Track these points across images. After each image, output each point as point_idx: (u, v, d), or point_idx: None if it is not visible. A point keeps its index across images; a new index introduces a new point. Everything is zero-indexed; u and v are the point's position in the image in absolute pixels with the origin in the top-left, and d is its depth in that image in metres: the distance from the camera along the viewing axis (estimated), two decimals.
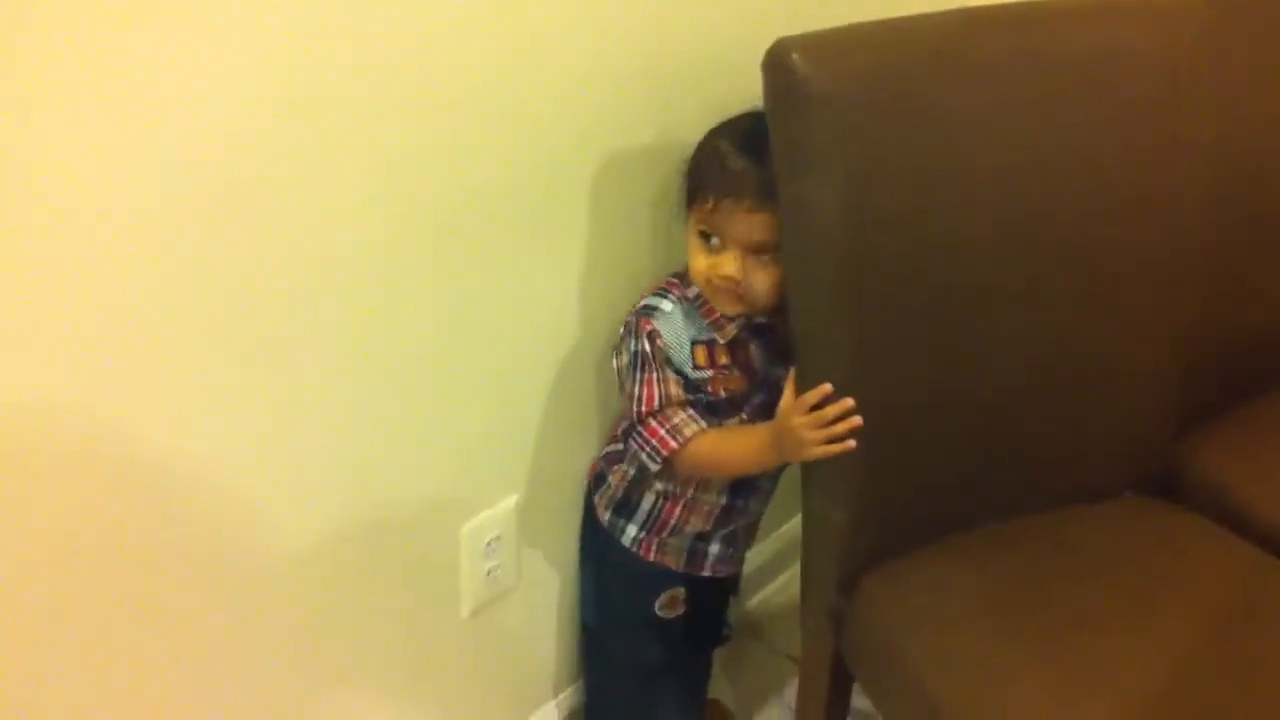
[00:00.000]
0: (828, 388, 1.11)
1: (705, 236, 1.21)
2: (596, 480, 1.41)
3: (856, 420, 1.10)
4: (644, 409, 1.23)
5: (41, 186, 0.82)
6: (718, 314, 1.25)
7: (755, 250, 1.18)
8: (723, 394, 1.26)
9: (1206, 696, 1.05)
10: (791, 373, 1.17)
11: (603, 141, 1.25)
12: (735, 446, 1.24)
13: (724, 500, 1.33)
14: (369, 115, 1.01)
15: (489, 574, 1.34)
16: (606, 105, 1.24)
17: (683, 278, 1.28)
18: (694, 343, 1.25)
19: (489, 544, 1.32)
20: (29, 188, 0.81)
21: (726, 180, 1.17)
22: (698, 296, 1.26)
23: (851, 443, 1.11)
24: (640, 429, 1.24)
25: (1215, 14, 1.24)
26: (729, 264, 1.19)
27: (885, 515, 1.21)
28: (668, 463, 1.24)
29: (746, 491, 1.34)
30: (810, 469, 1.18)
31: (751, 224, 1.17)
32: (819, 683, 1.28)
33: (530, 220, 1.21)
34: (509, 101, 1.13)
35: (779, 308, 1.21)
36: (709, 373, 1.26)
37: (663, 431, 1.22)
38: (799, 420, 1.13)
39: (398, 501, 1.20)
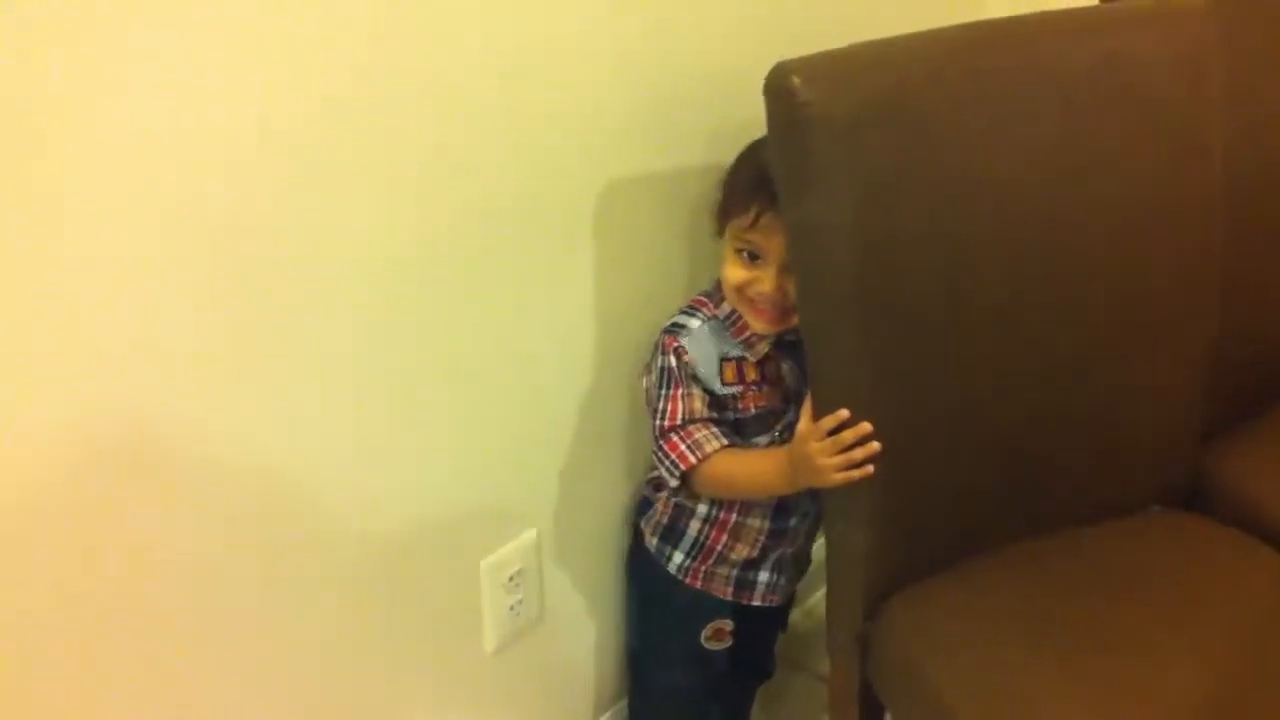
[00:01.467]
0: (844, 413, 1.09)
1: (741, 252, 1.21)
2: (643, 505, 1.40)
3: (874, 446, 1.09)
4: (666, 423, 1.23)
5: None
6: (749, 332, 1.25)
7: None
8: (753, 410, 1.26)
9: (1239, 712, 1.03)
10: (808, 397, 1.16)
11: (611, 168, 1.25)
12: (753, 468, 1.23)
13: (768, 524, 1.33)
14: (380, 143, 1.01)
15: (511, 609, 1.33)
16: (617, 130, 1.24)
17: (712, 296, 1.28)
18: (723, 359, 1.25)
19: (511, 579, 1.31)
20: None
21: (770, 194, 1.14)
22: (729, 315, 1.26)
23: (870, 468, 1.10)
24: (662, 443, 1.24)
25: (1223, 16, 1.22)
26: (766, 280, 1.20)
27: (908, 538, 1.19)
28: (686, 478, 1.23)
29: (787, 513, 1.33)
30: (830, 493, 1.17)
31: None
32: (848, 710, 1.26)
33: (541, 246, 1.21)
34: (519, 125, 1.13)
35: None
36: (738, 389, 1.25)
37: (683, 447, 1.22)
38: (815, 446, 1.11)
39: (414, 538, 1.20)
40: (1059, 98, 1.13)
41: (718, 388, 1.25)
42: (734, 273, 1.22)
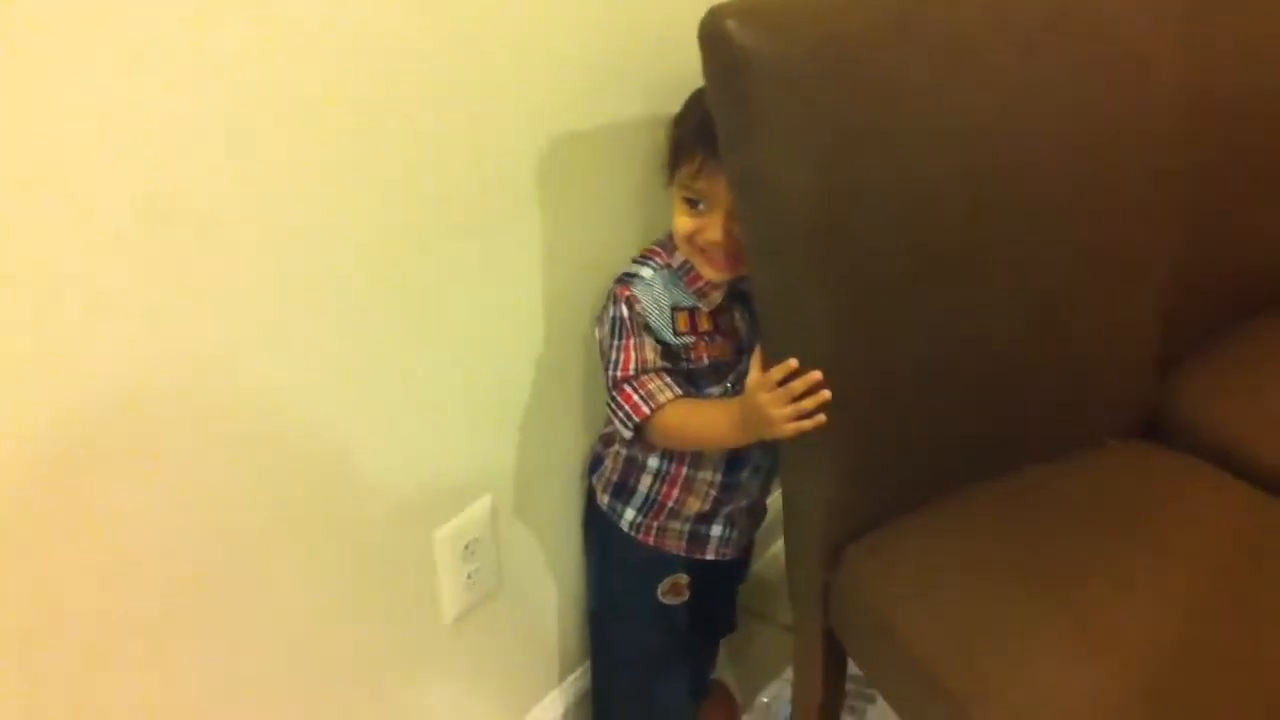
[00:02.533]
0: (793, 363, 1.08)
1: (689, 202, 1.20)
2: (594, 463, 1.39)
3: (825, 395, 1.08)
4: (619, 374, 1.22)
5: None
6: (702, 281, 1.24)
7: None
8: (705, 361, 1.25)
9: (1213, 644, 1.03)
10: (757, 349, 1.14)
11: (556, 126, 1.22)
12: (705, 419, 1.22)
13: (719, 477, 1.31)
14: (314, 110, 0.98)
15: (469, 578, 1.31)
16: (559, 85, 1.20)
17: (665, 245, 1.27)
18: (675, 309, 1.24)
19: (467, 547, 1.29)
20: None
21: (711, 141, 1.12)
22: (682, 264, 1.25)
23: (821, 418, 1.08)
24: (615, 394, 1.23)
25: None
26: (713, 228, 1.18)
27: (865, 485, 1.18)
28: (640, 429, 1.22)
29: (739, 466, 1.32)
30: (785, 444, 1.15)
31: None
32: (812, 659, 1.26)
33: (486, 207, 1.18)
34: (456, 85, 1.09)
35: None
36: (690, 339, 1.24)
37: (636, 397, 1.21)
38: (765, 397, 1.10)
39: (365, 508, 1.17)
40: (1013, 41, 1.11)
41: (670, 337, 1.23)
42: (682, 222, 1.21)
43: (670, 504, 1.33)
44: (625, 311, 1.23)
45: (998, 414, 1.22)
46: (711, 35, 1.01)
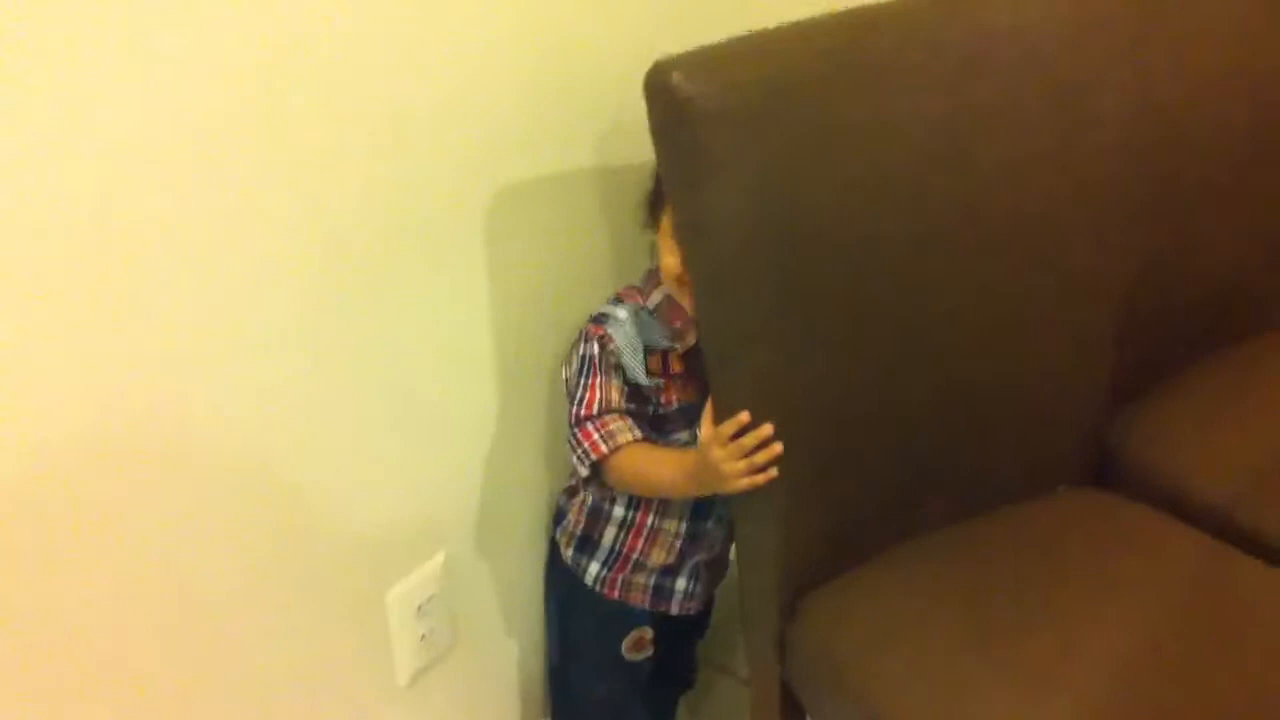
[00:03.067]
0: (745, 417, 1.07)
1: None
2: (558, 515, 1.38)
3: (776, 448, 1.07)
4: (583, 411, 1.22)
5: None
6: (678, 322, 1.24)
7: None
8: (675, 404, 1.25)
9: (1162, 688, 1.03)
10: (708, 404, 1.13)
11: (503, 162, 1.22)
12: (662, 466, 1.21)
13: (684, 526, 1.30)
14: (263, 146, 0.97)
15: (423, 638, 1.29)
16: (506, 128, 1.20)
17: (642, 288, 1.27)
18: (648, 350, 1.24)
19: (420, 607, 1.27)
20: None
21: None
22: (658, 306, 1.25)
23: (774, 471, 1.08)
24: (576, 431, 1.22)
25: None
26: None
27: (818, 535, 1.17)
28: (596, 468, 1.22)
29: (704, 514, 1.31)
30: (736, 495, 1.14)
31: None
32: (769, 712, 1.24)
33: (434, 250, 1.17)
34: (399, 129, 1.09)
35: None
36: (661, 380, 1.24)
37: (596, 435, 1.21)
38: (719, 453, 1.09)
39: (315, 569, 1.15)
40: (946, 73, 1.12)
41: (642, 378, 1.23)
42: (673, 260, 1.18)
43: (635, 556, 1.31)
44: (595, 350, 1.22)
45: (941, 455, 1.22)
46: (657, 87, 1.01)
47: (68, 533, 0.92)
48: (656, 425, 1.25)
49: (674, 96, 1.00)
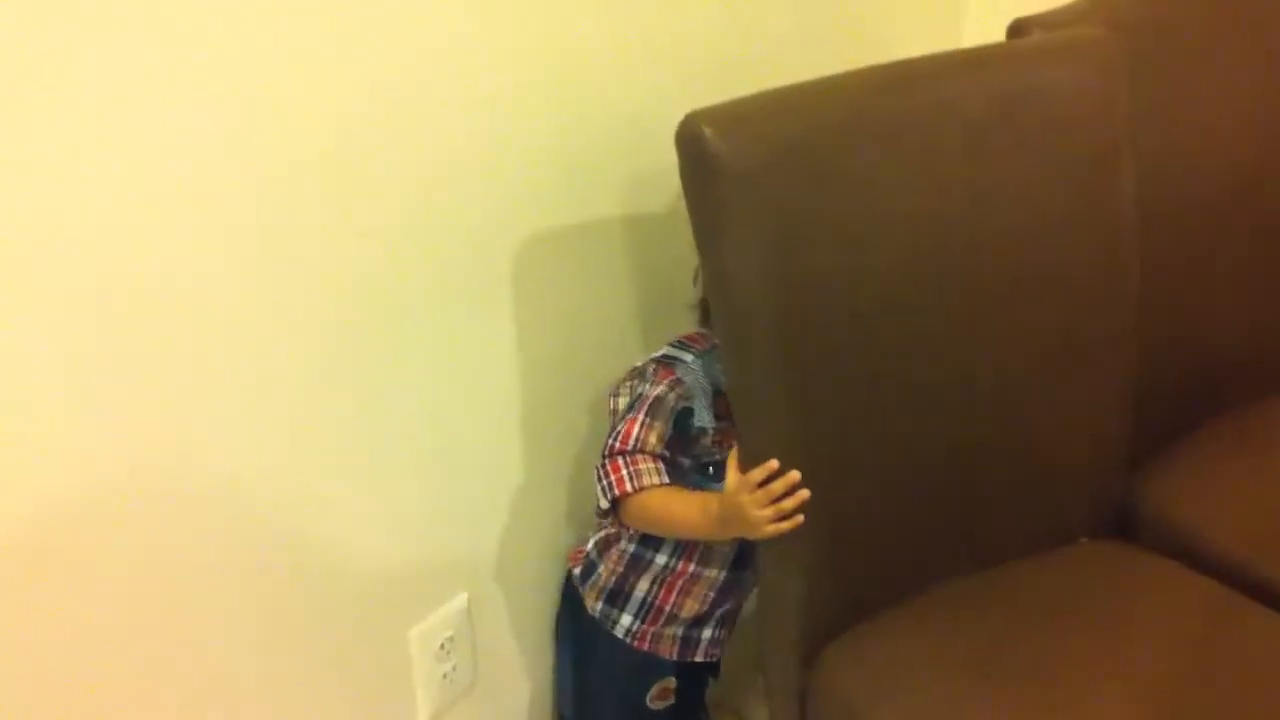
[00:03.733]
0: (774, 464, 1.08)
1: None
2: (585, 570, 1.36)
3: (804, 494, 1.08)
4: (618, 445, 1.21)
5: None
6: None
7: None
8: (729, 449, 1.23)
9: None
10: (734, 449, 1.14)
11: (523, 216, 1.24)
12: (684, 509, 1.21)
13: (725, 574, 1.30)
14: (291, 192, 0.99)
15: (445, 677, 1.30)
16: (525, 178, 1.22)
17: (705, 334, 1.28)
18: (716, 392, 1.24)
19: (442, 646, 1.28)
20: None
21: None
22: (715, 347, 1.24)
23: (800, 518, 1.09)
24: (606, 462, 1.22)
25: (1128, 46, 1.24)
26: None
27: (841, 583, 1.18)
28: (617, 505, 1.21)
29: (744, 563, 1.30)
30: (763, 543, 1.15)
31: None
32: None
33: (454, 297, 1.19)
34: (427, 180, 1.11)
35: None
36: (726, 424, 1.24)
37: (624, 472, 1.20)
38: (746, 498, 1.10)
39: (337, 607, 1.16)
40: (964, 134, 1.14)
41: (709, 421, 1.24)
42: None
43: (668, 608, 1.31)
44: (659, 391, 1.23)
45: (960, 505, 1.23)
46: (687, 139, 1.03)
47: (84, 574, 0.93)
48: (714, 472, 1.25)
49: (703, 149, 1.02)
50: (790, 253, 1.06)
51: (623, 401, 1.26)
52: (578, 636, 1.40)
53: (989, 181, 1.15)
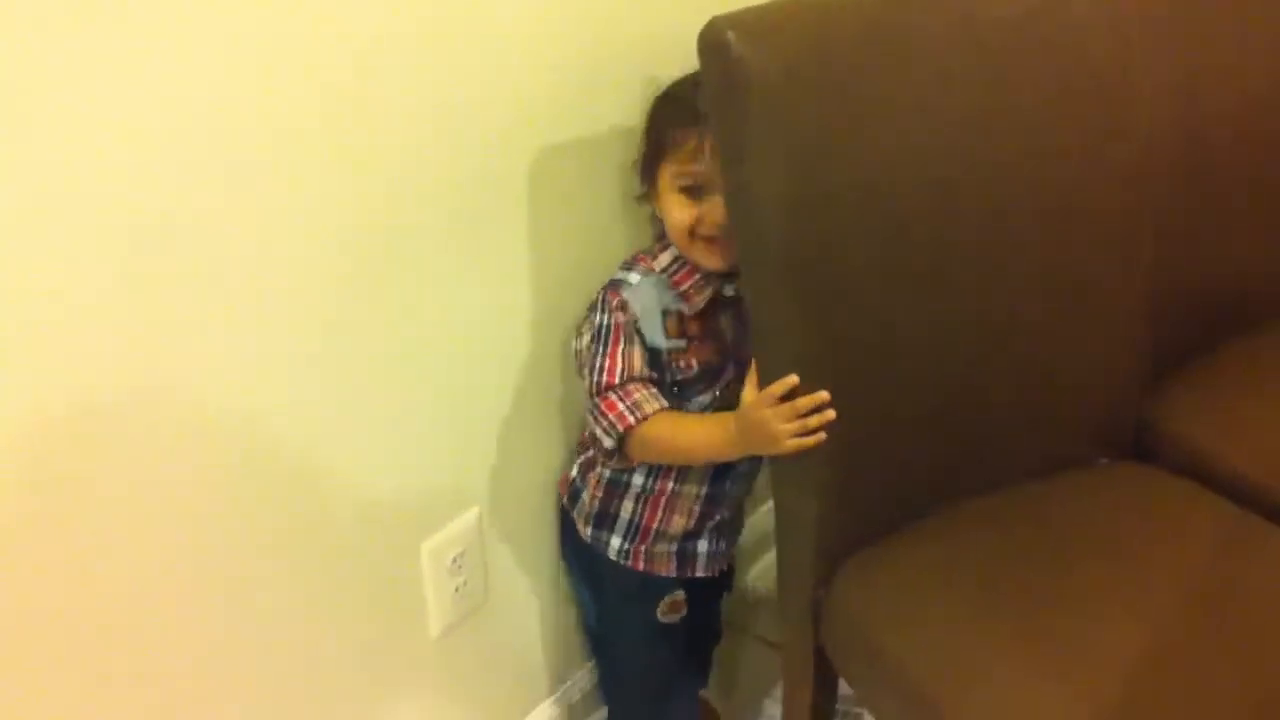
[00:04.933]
0: (794, 379, 1.07)
1: (688, 190, 1.18)
2: (571, 495, 1.36)
3: (830, 414, 1.07)
4: (605, 379, 1.19)
5: None
6: (687, 283, 1.22)
7: None
8: (695, 367, 1.23)
9: (1195, 665, 1.03)
10: (752, 364, 1.13)
11: (534, 135, 1.21)
12: (696, 432, 1.20)
13: (705, 489, 1.30)
14: (288, 123, 0.97)
15: (456, 591, 1.30)
16: (535, 97, 1.19)
17: (649, 251, 1.26)
18: (664, 312, 1.22)
19: (454, 560, 1.28)
20: None
21: (705, 122, 1.11)
22: (667, 267, 1.23)
23: (823, 435, 1.08)
24: (598, 401, 1.20)
25: None
26: (716, 209, 1.16)
27: (857, 503, 1.17)
28: (623, 440, 1.19)
29: (723, 475, 1.30)
30: (778, 463, 1.15)
31: None
32: (803, 676, 1.24)
33: (467, 218, 1.17)
34: (435, 95, 1.09)
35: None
36: (681, 343, 1.22)
37: (621, 406, 1.18)
38: (770, 412, 1.09)
39: (351, 522, 1.16)
40: (979, 54, 1.11)
41: (661, 341, 1.22)
42: (681, 214, 1.19)
43: (655, 526, 1.31)
44: (615, 318, 1.20)
45: (976, 426, 1.21)
46: (712, 45, 1.01)
47: (105, 483, 0.93)
48: (679, 392, 1.24)
49: (727, 55, 0.99)
50: (806, 168, 1.04)
51: (586, 339, 1.23)
52: (578, 559, 1.41)
53: (1004, 104, 1.13)
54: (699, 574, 1.36)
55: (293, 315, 1.03)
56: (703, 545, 1.35)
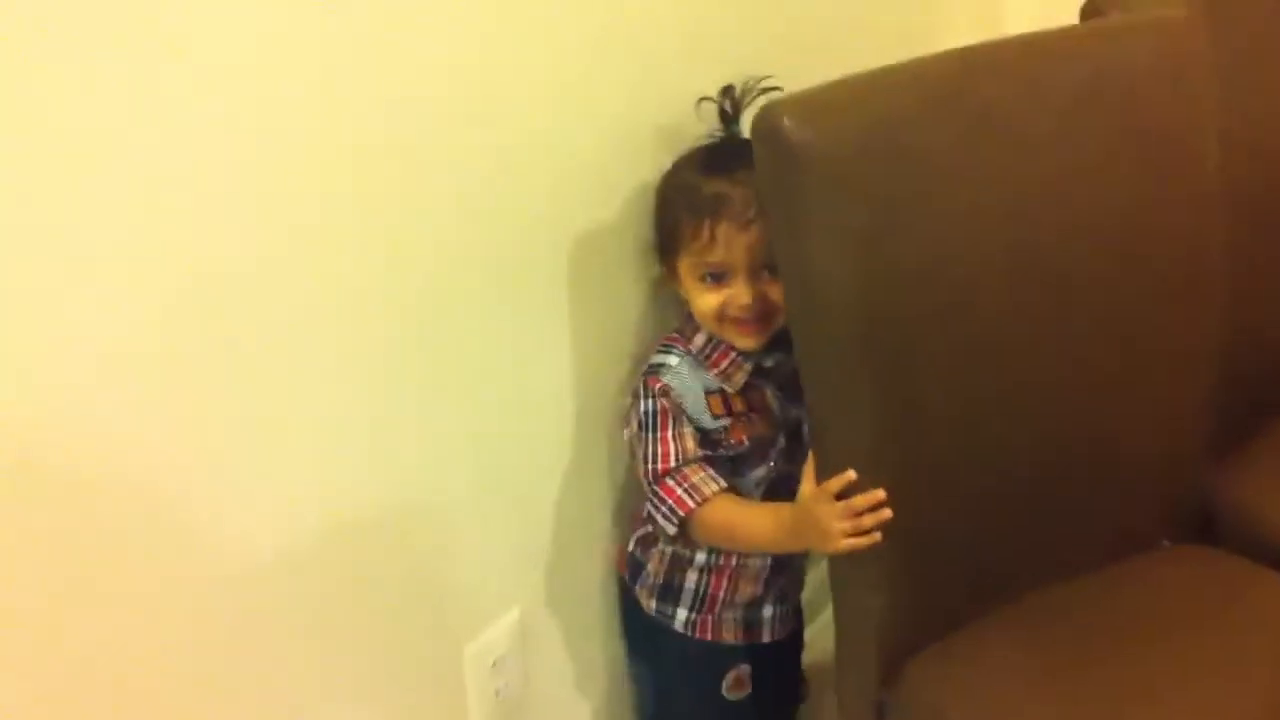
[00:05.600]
0: (851, 475, 1.03)
1: (705, 277, 1.16)
2: (632, 570, 1.32)
3: (886, 513, 1.02)
4: (660, 466, 1.17)
5: None
6: (725, 362, 1.20)
7: (760, 268, 1.13)
8: (745, 442, 1.21)
9: None
10: (810, 457, 1.09)
11: (583, 213, 1.19)
12: (754, 521, 1.16)
13: (771, 559, 1.27)
14: (340, 186, 0.94)
15: (498, 694, 1.24)
16: (578, 175, 1.17)
17: (683, 332, 1.23)
18: (707, 393, 1.20)
19: (494, 663, 1.23)
20: None
21: (715, 204, 1.12)
22: (702, 349, 1.21)
23: (878, 536, 1.03)
24: (656, 488, 1.17)
25: (1208, 24, 1.18)
26: (741, 292, 1.15)
27: (922, 597, 1.12)
28: (685, 524, 1.17)
29: None
30: (838, 557, 1.10)
31: (752, 240, 1.12)
32: None
33: (511, 299, 1.14)
34: (474, 176, 1.06)
35: (780, 342, 1.16)
36: (727, 421, 1.20)
37: (680, 491, 1.16)
38: (825, 509, 1.04)
39: (391, 624, 1.11)
40: (1050, 120, 1.08)
41: (707, 421, 1.19)
42: (707, 300, 1.17)
43: (722, 595, 1.28)
44: (660, 404, 1.18)
45: (1041, 511, 1.16)
46: (766, 132, 0.98)
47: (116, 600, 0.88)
48: (733, 469, 1.21)
49: (783, 140, 0.96)
50: (874, 246, 1.01)
51: (634, 426, 1.21)
52: (641, 637, 1.36)
53: (1074, 168, 1.09)
54: (765, 639, 1.32)
55: (330, 400, 0.99)
56: (768, 610, 1.31)
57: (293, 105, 0.88)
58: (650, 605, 1.30)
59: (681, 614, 1.29)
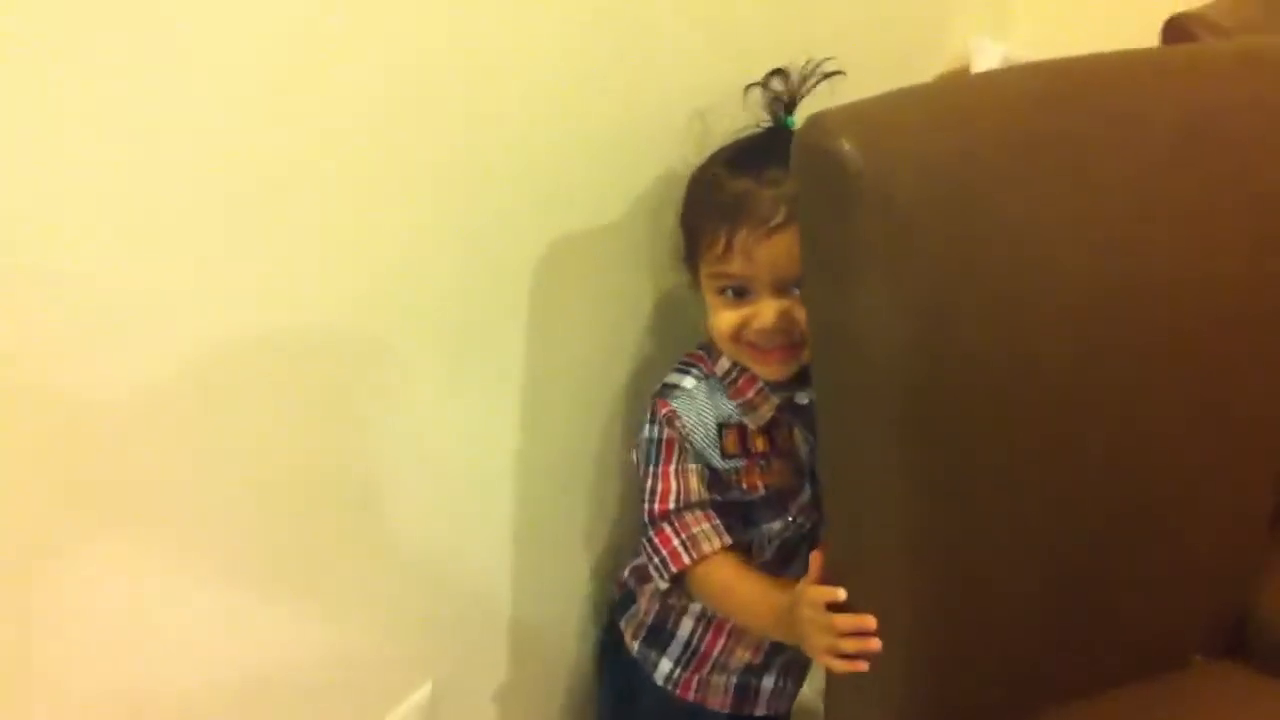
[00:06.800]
0: (841, 594, 0.87)
1: (724, 291, 0.98)
2: (623, 601, 1.15)
3: (873, 644, 0.86)
4: (658, 507, 1.02)
5: None
6: (750, 391, 1.03)
7: (788, 285, 0.95)
8: (761, 489, 1.03)
9: None
10: (819, 549, 0.92)
11: (564, 224, 1.03)
12: (750, 598, 1.01)
13: None
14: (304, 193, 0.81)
15: None
16: (571, 176, 1.01)
17: (709, 350, 1.05)
18: (722, 425, 1.02)
19: None
20: None
21: (735, 207, 0.96)
22: (728, 373, 1.03)
23: (862, 664, 0.87)
24: (651, 533, 1.03)
25: None
26: (765, 311, 0.97)
27: (934, 714, 0.95)
28: (677, 581, 1.03)
29: None
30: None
31: (777, 250, 0.95)
32: None
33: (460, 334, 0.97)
34: (472, 178, 0.92)
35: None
36: (741, 462, 1.03)
37: (675, 542, 1.01)
38: (810, 615, 0.89)
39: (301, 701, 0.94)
40: (1144, 165, 0.89)
41: (717, 460, 1.02)
42: (724, 317, 0.99)
43: (715, 654, 1.12)
44: (663, 432, 1.02)
45: (1082, 625, 1.00)
46: (815, 152, 0.78)
47: None
48: (744, 516, 1.04)
49: (838, 169, 0.77)
50: (937, 309, 0.82)
51: (640, 453, 1.04)
52: (618, 676, 1.20)
53: (1157, 216, 0.90)
54: (758, 713, 1.16)
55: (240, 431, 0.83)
56: (769, 681, 1.15)
57: (297, 96, 0.77)
58: (634, 646, 1.14)
59: (666, 666, 1.13)
